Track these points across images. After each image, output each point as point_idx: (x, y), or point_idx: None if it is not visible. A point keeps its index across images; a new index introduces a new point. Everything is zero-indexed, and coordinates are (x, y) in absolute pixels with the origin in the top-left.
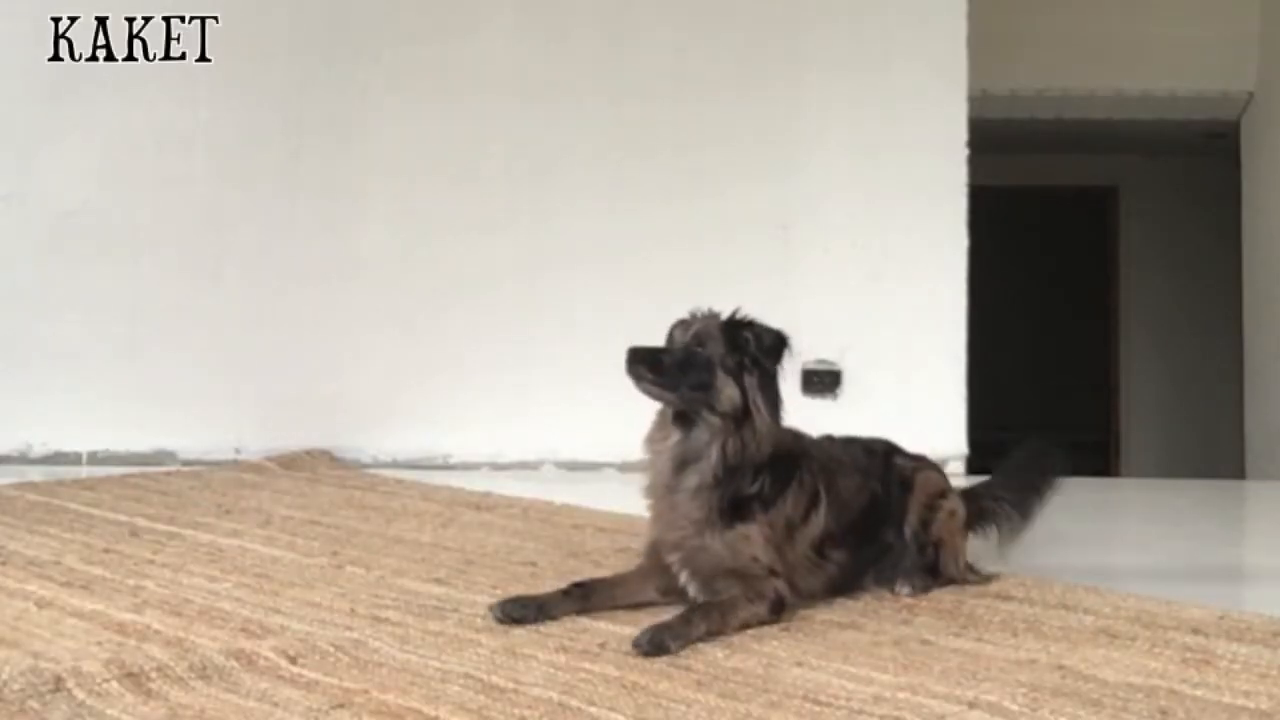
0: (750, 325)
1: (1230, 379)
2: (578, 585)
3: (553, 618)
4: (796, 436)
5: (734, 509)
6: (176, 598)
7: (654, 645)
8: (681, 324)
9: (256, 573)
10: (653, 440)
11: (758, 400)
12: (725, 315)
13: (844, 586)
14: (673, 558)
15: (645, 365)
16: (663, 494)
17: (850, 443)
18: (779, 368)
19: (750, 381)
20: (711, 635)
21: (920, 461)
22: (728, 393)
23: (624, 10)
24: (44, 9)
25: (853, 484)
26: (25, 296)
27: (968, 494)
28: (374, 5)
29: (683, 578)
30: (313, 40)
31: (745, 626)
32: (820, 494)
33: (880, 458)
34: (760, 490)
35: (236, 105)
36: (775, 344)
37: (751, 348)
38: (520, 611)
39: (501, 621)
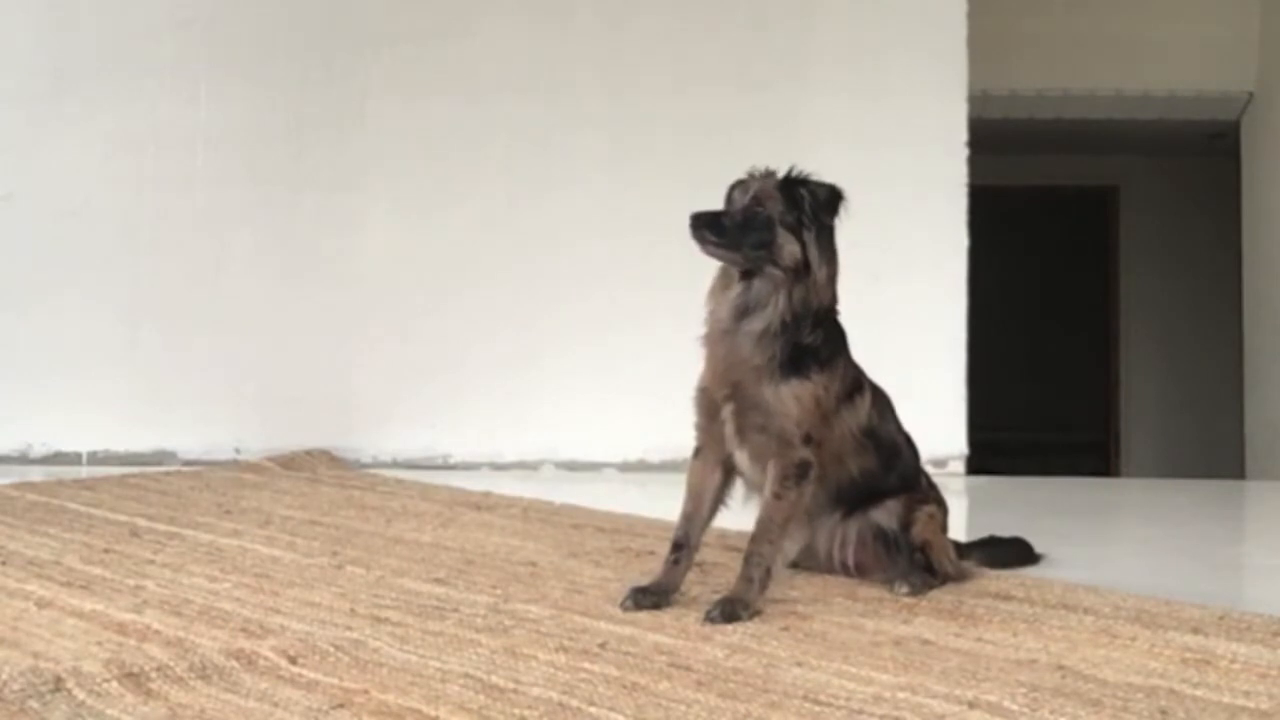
0: (805, 182)
1: (1230, 379)
2: (676, 546)
3: (678, 589)
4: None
5: (793, 361)
6: (176, 598)
7: (726, 616)
8: (740, 185)
9: (256, 573)
10: (714, 292)
11: (815, 253)
12: (782, 174)
13: (871, 489)
14: (727, 405)
15: (708, 228)
16: (721, 337)
17: None
18: (835, 221)
19: (809, 236)
20: (771, 576)
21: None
22: (789, 248)
23: (624, 7)
24: (44, 9)
25: (886, 406)
26: (25, 296)
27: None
28: (374, 5)
29: (729, 429)
30: (313, 40)
31: (789, 522)
32: (863, 384)
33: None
34: (818, 346)
35: (236, 105)
36: (830, 198)
37: (808, 204)
38: (651, 599)
39: (635, 609)
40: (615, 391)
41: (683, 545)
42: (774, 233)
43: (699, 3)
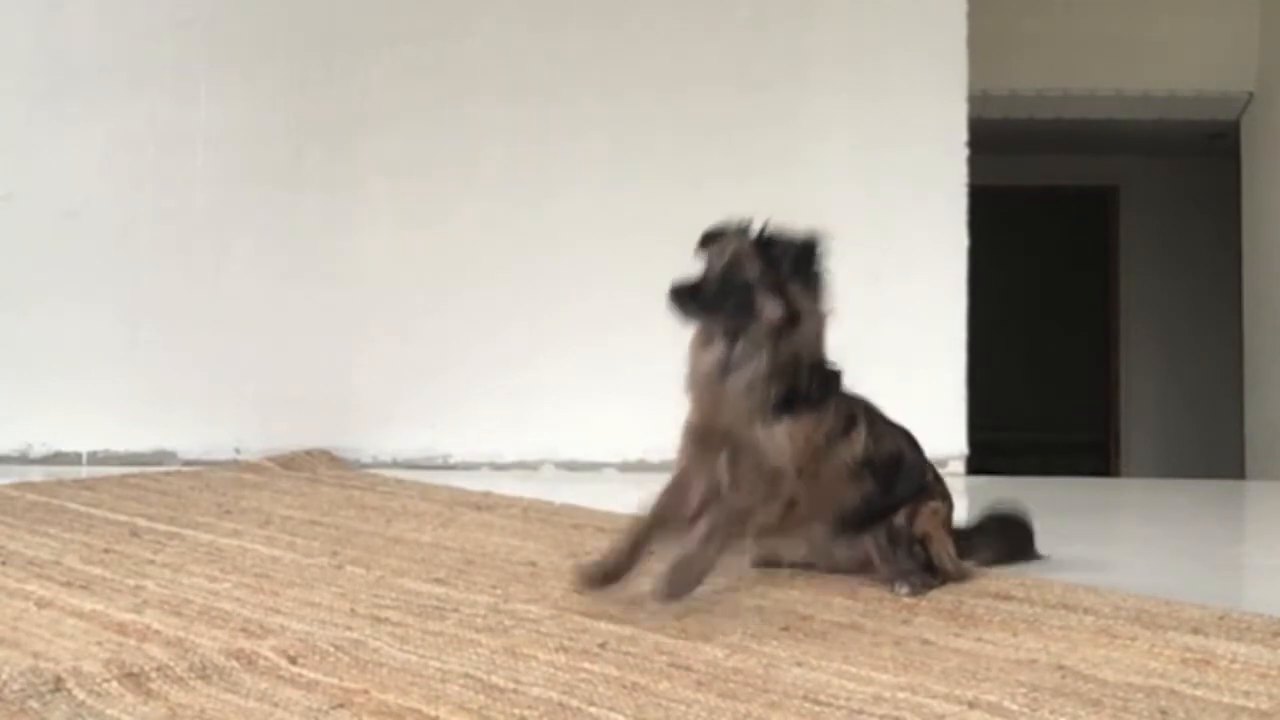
0: (779, 240)
1: (1230, 379)
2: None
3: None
4: (833, 363)
5: (783, 404)
6: (176, 598)
7: (674, 588)
8: (713, 242)
9: (256, 573)
10: (696, 346)
11: (803, 306)
12: (755, 230)
13: (870, 516)
14: (720, 446)
15: (688, 299)
16: (707, 386)
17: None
18: (817, 271)
19: (794, 289)
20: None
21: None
22: (769, 309)
23: (624, 7)
24: (44, 9)
25: (885, 427)
26: (25, 297)
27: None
28: (374, 5)
29: (720, 466)
30: (313, 40)
31: (752, 529)
32: (857, 417)
33: (904, 431)
34: (809, 390)
35: (236, 105)
36: (806, 251)
37: (786, 262)
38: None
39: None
40: (615, 391)
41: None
42: (753, 295)
43: (699, 3)
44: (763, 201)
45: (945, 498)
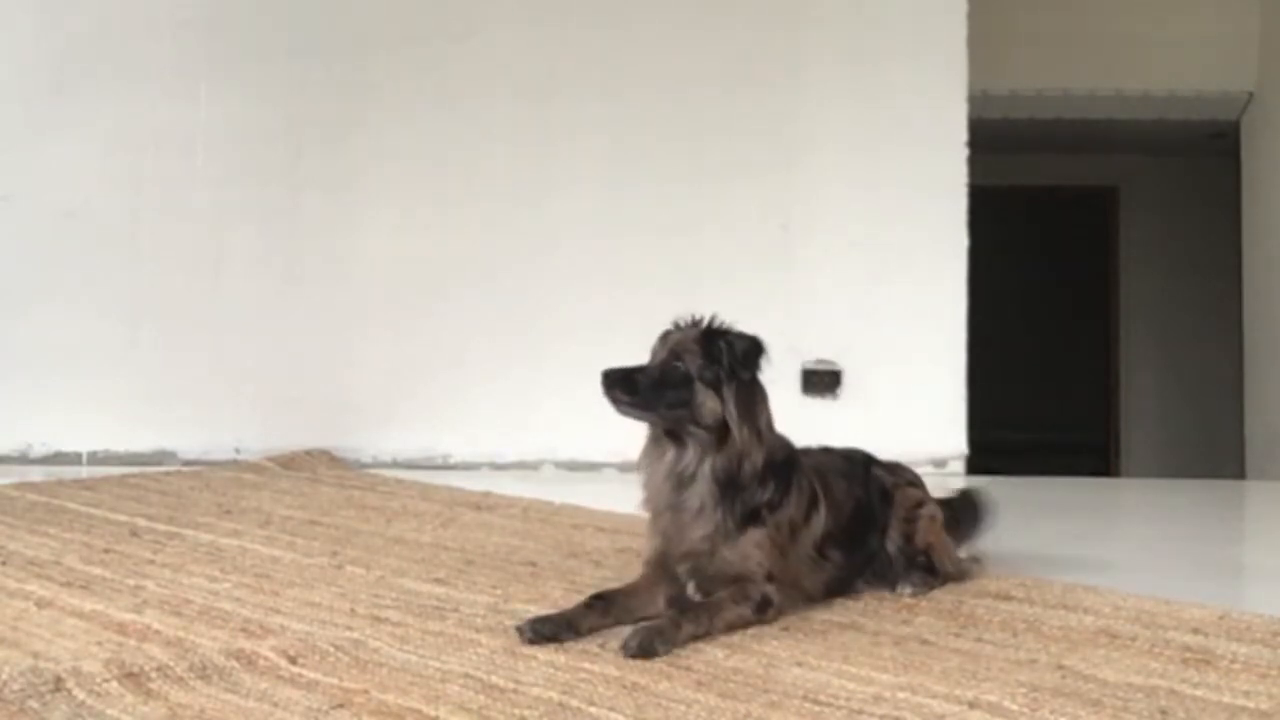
0: (725, 334)
1: (1230, 379)
2: (598, 598)
3: (580, 633)
4: (785, 442)
5: (743, 518)
6: (176, 598)
7: (642, 649)
8: (663, 337)
9: (256, 573)
10: (647, 456)
11: (733, 411)
12: (704, 324)
13: (841, 587)
14: (682, 568)
15: (620, 388)
16: (664, 510)
17: (828, 451)
18: (756, 374)
19: (728, 393)
20: (698, 638)
21: (897, 473)
22: (709, 405)
23: (623, 7)
24: (44, 8)
25: (842, 487)
26: (25, 296)
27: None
28: (374, 5)
29: (690, 588)
30: (313, 40)
31: (731, 628)
32: (818, 495)
33: (860, 466)
34: (769, 496)
35: (236, 105)
36: (750, 351)
37: (726, 358)
38: (550, 629)
39: (533, 641)
40: None
41: (606, 601)
42: (691, 390)
43: (699, 3)
44: (764, 202)
45: (921, 485)
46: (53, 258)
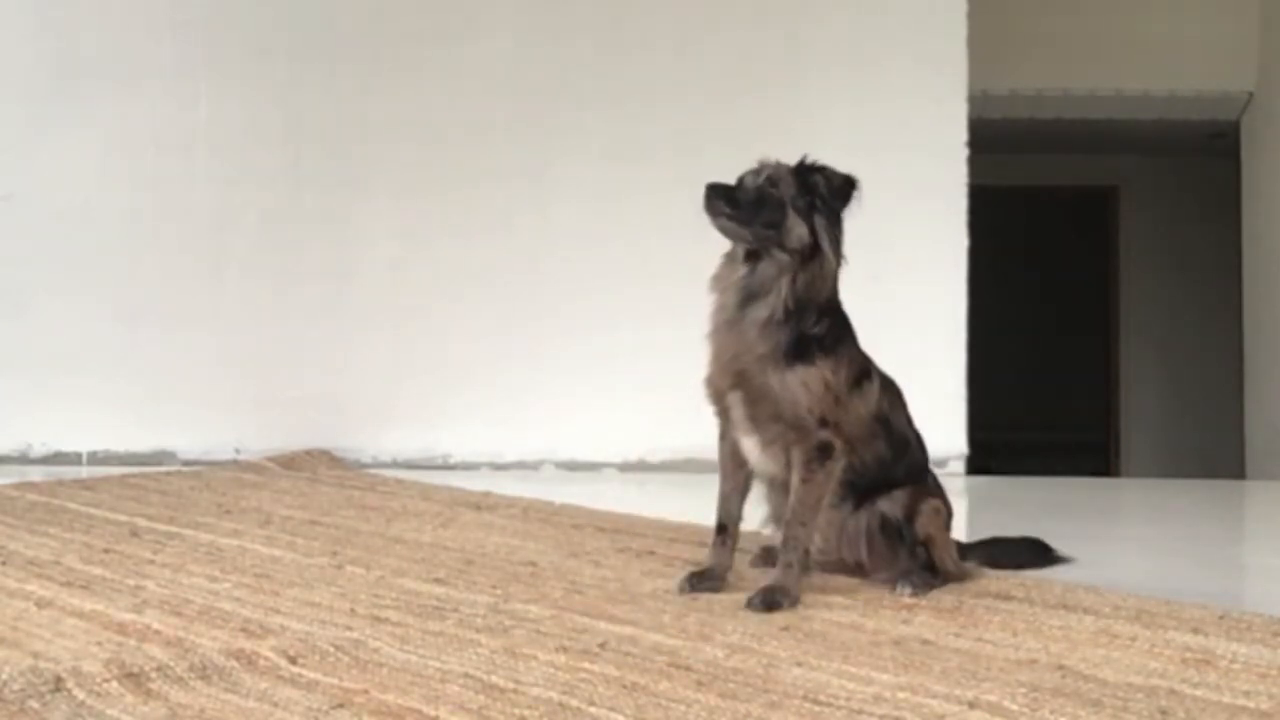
0: (821, 169)
1: (1230, 379)
2: (720, 528)
3: (730, 568)
4: (843, 309)
5: (797, 349)
6: (176, 598)
7: (767, 605)
8: (753, 170)
9: (256, 573)
10: (720, 277)
11: (825, 239)
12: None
13: (877, 481)
14: (734, 394)
15: (724, 199)
16: (726, 328)
17: None
18: (847, 209)
19: (820, 221)
20: (808, 554)
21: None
22: (798, 231)
23: (623, 9)
24: (44, 8)
25: (895, 396)
26: (25, 297)
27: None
28: (374, 5)
29: (736, 414)
30: (313, 40)
31: (819, 504)
32: (872, 371)
33: (903, 409)
34: (822, 334)
35: (236, 105)
36: (844, 186)
37: (822, 189)
38: (708, 584)
39: (694, 592)
40: (615, 391)
41: (726, 526)
42: (785, 214)
43: (699, 3)
44: None
45: (944, 499)
46: (53, 258)
